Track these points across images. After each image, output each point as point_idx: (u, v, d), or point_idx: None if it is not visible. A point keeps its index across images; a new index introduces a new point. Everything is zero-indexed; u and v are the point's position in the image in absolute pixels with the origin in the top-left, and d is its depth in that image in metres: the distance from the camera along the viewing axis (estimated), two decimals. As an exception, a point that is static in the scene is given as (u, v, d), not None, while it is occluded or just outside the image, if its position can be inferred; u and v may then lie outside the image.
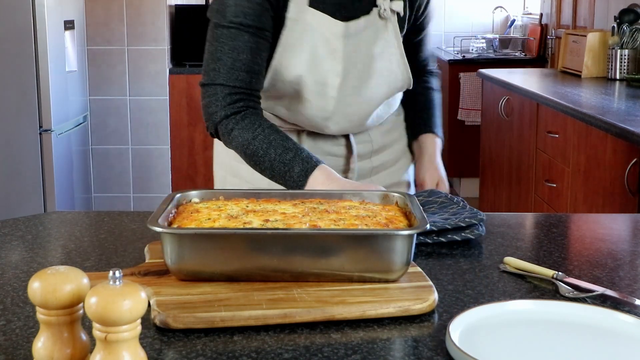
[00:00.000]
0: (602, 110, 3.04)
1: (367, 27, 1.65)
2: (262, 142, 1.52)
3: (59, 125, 3.85)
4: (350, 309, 1.00)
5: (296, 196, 1.28)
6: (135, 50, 4.58)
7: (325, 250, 1.07)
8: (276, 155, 1.51)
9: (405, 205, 1.23)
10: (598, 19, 4.53)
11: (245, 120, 1.55)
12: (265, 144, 1.52)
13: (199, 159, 4.68)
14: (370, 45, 1.66)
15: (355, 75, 1.66)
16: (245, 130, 1.54)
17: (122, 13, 4.55)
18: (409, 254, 1.08)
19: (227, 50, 1.56)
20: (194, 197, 1.26)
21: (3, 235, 1.38)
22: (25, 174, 3.74)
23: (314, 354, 0.92)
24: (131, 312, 0.75)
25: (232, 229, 1.08)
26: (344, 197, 1.28)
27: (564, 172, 3.34)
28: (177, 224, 1.13)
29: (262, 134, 1.53)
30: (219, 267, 1.07)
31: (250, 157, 1.55)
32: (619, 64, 3.96)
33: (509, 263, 1.21)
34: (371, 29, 1.66)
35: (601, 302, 1.08)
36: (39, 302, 0.80)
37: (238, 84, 1.56)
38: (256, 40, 1.57)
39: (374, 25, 1.66)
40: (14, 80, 3.67)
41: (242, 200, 1.25)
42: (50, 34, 3.69)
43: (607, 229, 1.51)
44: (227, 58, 1.56)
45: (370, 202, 1.26)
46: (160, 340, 0.95)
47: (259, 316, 0.98)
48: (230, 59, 1.56)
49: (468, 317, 0.98)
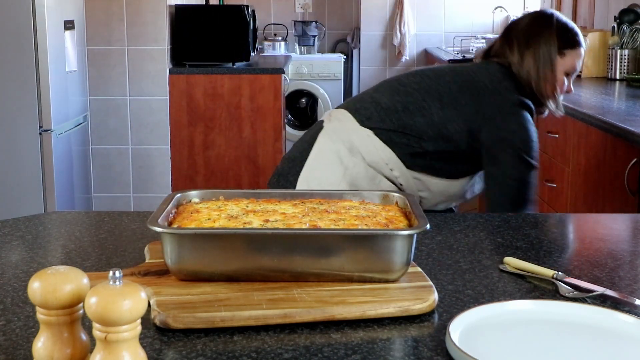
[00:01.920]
0: (602, 110, 3.03)
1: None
2: None
3: (59, 125, 3.84)
4: (350, 309, 1.00)
5: (296, 196, 1.28)
6: (135, 50, 4.58)
7: (325, 250, 1.07)
8: None
9: (405, 205, 1.22)
10: (598, 19, 4.52)
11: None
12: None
13: (199, 159, 4.67)
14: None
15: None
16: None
17: (122, 13, 4.55)
18: (409, 254, 1.08)
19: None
20: (194, 197, 1.26)
21: (3, 235, 1.38)
22: (25, 174, 3.73)
23: (314, 354, 0.92)
24: (131, 312, 0.75)
25: (232, 229, 1.08)
26: (344, 197, 1.28)
27: (564, 172, 3.33)
28: (177, 224, 1.13)
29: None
30: (219, 267, 1.07)
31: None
32: (619, 64, 3.96)
33: (509, 263, 1.21)
34: None
35: (601, 302, 1.08)
36: (39, 302, 0.80)
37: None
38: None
39: None
40: (14, 80, 3.67)
41: (242, 200, 1.25)
42: (50, 34, 3.69)
43: (607, 229, 1.51)
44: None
45: (370, 202, 1.26)
46: (160, 340, 0.95)
47: (259, 316, 0.98)
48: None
49: (468, 317, 0.98)
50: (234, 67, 4.64)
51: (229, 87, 4.58)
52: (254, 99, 4.60)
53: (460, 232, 1.41)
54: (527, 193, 1.89)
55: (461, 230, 1.43)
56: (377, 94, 2.01)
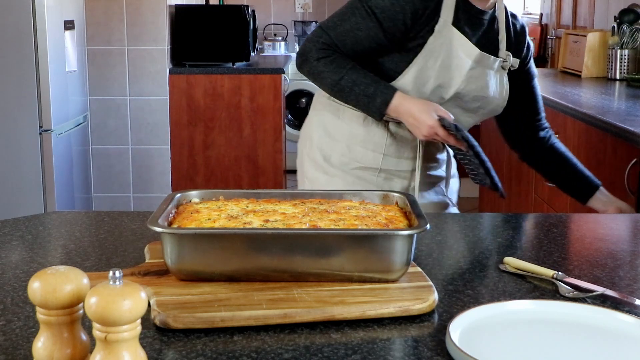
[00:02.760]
0: (602, 110, 3.03)
1: (492, 69, 1.88)
2: (348, 82, 1.81)
3: (59, 125, 3.84)
4: (350, 309, 1.00)
5: (296, 196, 1.28)
6: (135, 50, 4.58)
7: (325, 250, 1.07)
8: (360, 91, 1.80)
9: (405, 205, 1.23)
10: (598, 19, 4.52)
11: (333, 64, 1.82)
12: (350, 83, 1.80)
13: (199, 159, 4.67)
14: (486, 84, 1.87)
15: (466, 99, 1.87)
16: (333, 73, 1.82)
17: (122, 13, 4.55)
18: (409, 254, 1.08)
19: (352, 21, 1.81)
20: (194, 197, 1.26)
21: (3, 235, 1.38)
22: (25, 174, 3.74)
23: (314, 354, 0.92)
24: (131, 312, 0.75)
25: (232, 229, 1.08)
26: (344, 197, 1.28)
27: (564, 172, 3.33)
28: (177, 224, 1.13)
29: (347, 75, 1.81)
30: (219, 267, 1.07)
31: (339, 93, 1.85)
32: (619, 64, 3.96)
33: (508, 263, 1.21)
34: (492, 72, 1.88)
35: (601, 302, 1.08)
36: (39, 302, 0.80)
37: (339, 49, 1.82)
38: (377, 33, 1.80)
39: (495, 70, 1.89)
40: (14, 80, 3.67)
41: (242, 200, 1.25)
42: (50, 34, 3.69)
43: (607, 229, 1.51)
44: (348, 26, 1.81)
45: (370, 202, 1.26)
46: (160, 340, 0.95)
47: (259, 316, 0.98)
48: (349, 29, 1.81)
49: (468, 317, 0.98)
50: (234, 67, 4.64)
51: (229, 87, 4.58)
52: (254, 99, 4.60)
53: (460, 232, 1.41)
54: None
55: (461, 230, 1.43)
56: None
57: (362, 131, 1.92)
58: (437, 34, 1.82)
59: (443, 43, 1.82)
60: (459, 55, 1.84)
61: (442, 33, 1.82)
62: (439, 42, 1.82)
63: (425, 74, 1.83)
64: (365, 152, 1.92)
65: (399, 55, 1.84)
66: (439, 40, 1.82)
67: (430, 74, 1.83)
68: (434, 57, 1.82)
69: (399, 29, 1.79)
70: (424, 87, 1.84)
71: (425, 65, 1.82)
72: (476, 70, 1.86)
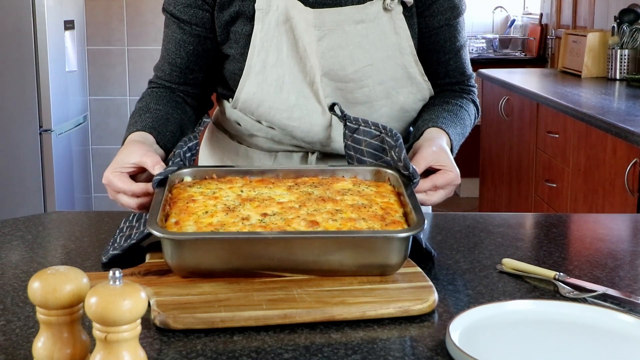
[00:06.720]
0: (602, 110, 3.04)
1: (360, 21, 1.38)
2: (138, 107, 1.49)
3: (59, 125, 3.85)
4: (350, 309, 1.00)
5: (288, 174, 1.29)
6: (135, 50, 4.58)
7: (324, 249, 1.07)
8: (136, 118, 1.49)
9: (398, 184, 1.24)
10: (598, 19, 4.53)
11: (149, 90, 1.53)
12: (138, 110, 1.48)
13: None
14: (367, 44, 1.40)
15: (344, 80, 1.44)
16: (142, 97, 1.52)
17: (122, 13, 4.55)
18: (406, 251, 1.09)
19: (164, 36, 1.52)
20: (186, 175, 1.28)
21: (3, 235, 1.38)
22: (25, 174, 3.74)
23: (314, 354, 0.92)
24: (131, 312, 0.75)
25: (232, 233, 1.08)
26: (336, 174, 1.30)
27: (564, 172, 3.34)
28: (174, 217, 1.13)
29: (147, 98, 1.50)
30: (219, 266, 1.07)
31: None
32: (619, 64, 3.96)
33: (506, 264, 1.21)
34: (366, 24, 1.39)
35: (601, 302, 1.08)
36: (39, 302, 0.80)
37: (159, 74, 1.54)
38: (181, 32, 1.48)
39: (370, 20, 1.38)
40: (14, 80, 3.67)
41: (235, 181, 1.26)
42: (50, 34, 3.69)
43: (607, 229, 1.51)
44: (163, 44, 1.53)
45: (362, 181, 1.27)
46: (160, 340, 0.95)
47: (259, 317, 0.98)
48: (163, 46, 1.53)
49: (468, 317, 0.98)
50: (234, 67, 4.64)
51: (229, 87, 4.58)
52: (254, 99, 4.60)
53: (460, 232, 1.41)
54: None
55: (461, 230, 1.43)
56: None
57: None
58: (260, 15, 1.40)
59: (273, 21, 1.40)
60: (299, 25, 1.39)
61: (267, 11, 1.40)
62: (267, 23, 1.40)
63: (275, 73, 1.43)
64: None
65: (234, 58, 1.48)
66: (266, 20, 1.40)
67: (281, 71, 1.43)
68: (274, 47, 1.42)
69: (201, 17, 1.45)
70: (282, 92, 1.44)
71: (266, 61, 1.43)
72: (335, 34, 1.38)
